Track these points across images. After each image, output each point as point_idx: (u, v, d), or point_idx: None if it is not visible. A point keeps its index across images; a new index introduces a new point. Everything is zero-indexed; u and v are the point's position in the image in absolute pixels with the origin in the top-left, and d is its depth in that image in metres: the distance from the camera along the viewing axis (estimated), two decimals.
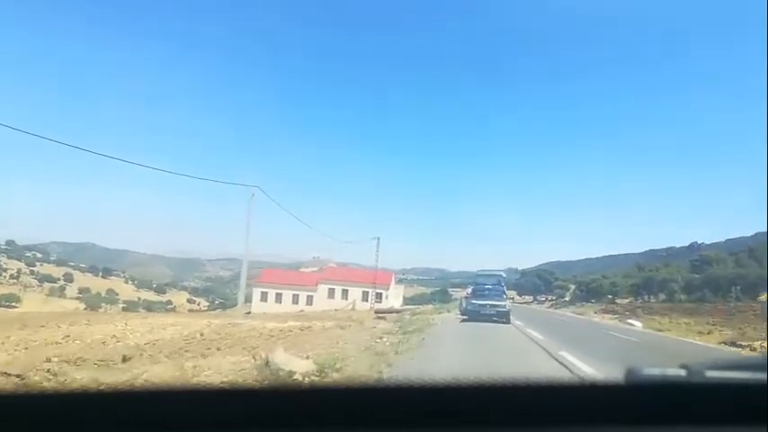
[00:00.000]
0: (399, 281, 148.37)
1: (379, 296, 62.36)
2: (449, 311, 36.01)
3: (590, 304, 59.26)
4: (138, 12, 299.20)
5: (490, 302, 23.48)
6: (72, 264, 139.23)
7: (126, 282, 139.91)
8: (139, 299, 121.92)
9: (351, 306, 61.69)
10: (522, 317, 28.43)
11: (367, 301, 61.18)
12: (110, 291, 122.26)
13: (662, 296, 59.01)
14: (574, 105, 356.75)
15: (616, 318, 45.29)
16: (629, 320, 39.87)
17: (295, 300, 63.76)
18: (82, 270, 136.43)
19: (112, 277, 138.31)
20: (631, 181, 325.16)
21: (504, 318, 22.87)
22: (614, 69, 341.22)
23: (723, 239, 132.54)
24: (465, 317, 24.77)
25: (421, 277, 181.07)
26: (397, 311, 51.58)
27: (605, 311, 49.58)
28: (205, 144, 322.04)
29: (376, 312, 51.17)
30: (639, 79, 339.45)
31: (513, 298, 51.86)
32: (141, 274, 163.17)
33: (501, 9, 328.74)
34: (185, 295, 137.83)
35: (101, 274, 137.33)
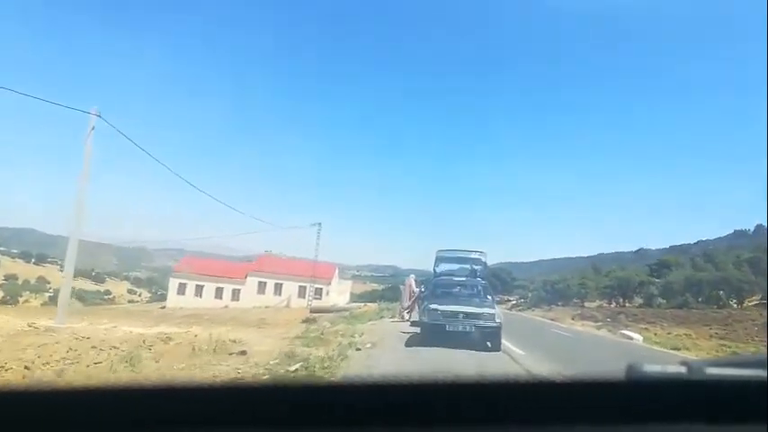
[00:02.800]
0: (353, 277, 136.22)
1: (318, 292, 50.29)
2: (393, 316, 24.14)
3: (558, 307, 48.89)
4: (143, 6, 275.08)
5: (465, 309, 11.61)
6: (2, 249, 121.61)
7: (61, 269, 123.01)
8: (74, 288, 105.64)
9: (285, 303, 49.47)
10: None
11: (305, 297, 49.03)
12: (40, 278, 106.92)
13: (638, 300, 49.28)
14: (545, 110, 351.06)
15: (599, 326, 34.69)
16: (624, 332, 29.11)
17: (218, 294, 50.76)
18: (12, 256, 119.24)
19: (47, 264, 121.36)
20: (582, 186, 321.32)
21: (491, 339, 11.47)
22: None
23: (667, 246, 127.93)
24: (416, 330, 13.07)
25: (375, 274, 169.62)
26: (338, 310, 40.47)
27: (583, 317, 39.03)
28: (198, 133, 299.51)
29: (312, 311, 40.03)
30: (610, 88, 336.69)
31: None
32: (85, 262, 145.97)
33: (501, 14, 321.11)
34: (126, 285, 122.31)
35: (34, 260, 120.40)
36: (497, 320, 11.48)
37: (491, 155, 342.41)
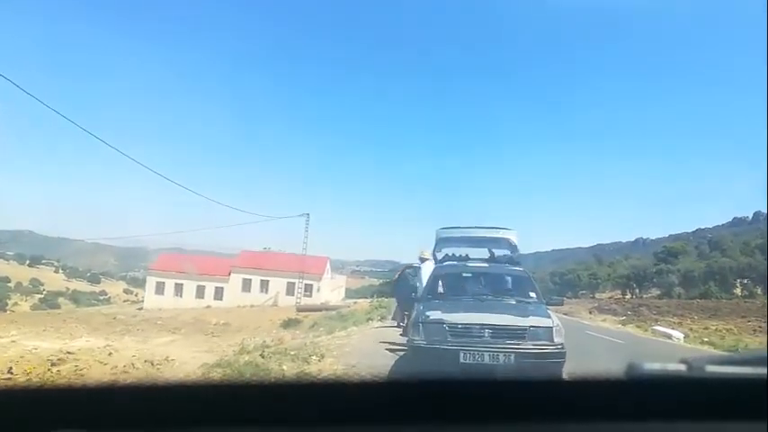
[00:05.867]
0: (352, 272, 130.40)
1: (308, 288, 44.85)
2: (382, 319, 18.57)
3: (569, 300, 43.44)
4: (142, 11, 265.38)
5: (494, 320, 5.81)
6: None
7: (56, 271, 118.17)
8: (68, 289, 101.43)
9: (272, 301, 44.10)
10: None
11: (293, 294, 43.64)
12: (33, 280, 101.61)
13: (653, 290, 44.02)
14: (545, 103, 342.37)
15: (623, 321, 29.35)
16: (658, 328, 23.77)
17: (200, 292, 45.17)
18: (7, 258, 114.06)
19: (41, 266, 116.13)
20: (579, 177, 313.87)
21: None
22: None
23: (666, 234, 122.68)
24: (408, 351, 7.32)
25: (374, 269, 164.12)
26: (327, 309, 35.21)
27: (601, 311, 33.67)
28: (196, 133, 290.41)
29: (299, 310, 34.81)
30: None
31: None
32: (83, 263, 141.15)
33: (502, 11, 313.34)
34: (123, 285, 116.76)
35: (28, 262, 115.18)
36: (557, 340, 5.84)
37: (490, 146, 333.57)
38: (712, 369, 1.08)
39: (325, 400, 1.01)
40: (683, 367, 1.08)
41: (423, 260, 10.31)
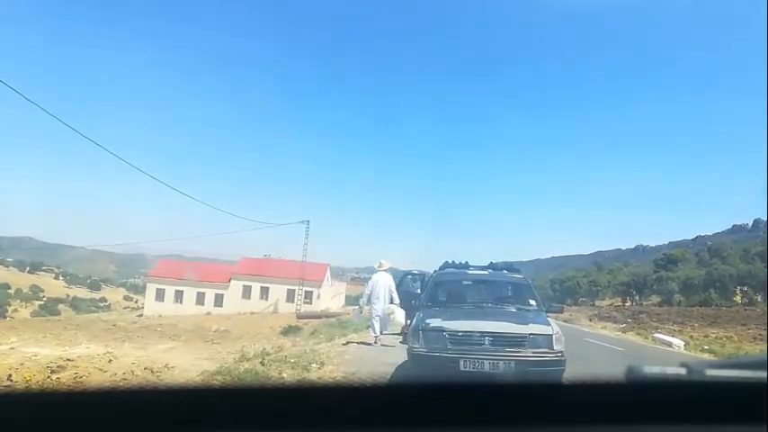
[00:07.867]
0: (352, 279, 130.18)
1: (308, 295, 44.72)
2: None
3: (569, 307, 43.35)
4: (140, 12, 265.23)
5: (494, 328, 5.84)
6: None
7: (56, 278, 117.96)
8: (68, 296, 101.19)
9: (272, 308, 43.96)
10: None
11: (293, 301, 43.51)
12: (33, 287, 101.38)
13: (654, 298, 43.90)
14: (543, 107, 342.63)
15: (623, 328, 29.28)
16: (659, 336, 23.79)
17: (200, 299, 45.13)
18: (7, 264, 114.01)
19: (41, 273, 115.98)
20: (578, 184, 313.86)
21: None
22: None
23: (666, 242, 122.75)
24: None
25: None
26: (327, 316, 35.16)
27: (601, 318, 33.59)
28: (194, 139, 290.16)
29: (299, 317, 34.74)
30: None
31: None
32: (83, 270, 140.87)
33: (499, 15, 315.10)
34: (123, 292, 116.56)
35: (28, 268, 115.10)
36: (557, 347, 5.84)
37: (491, 152, 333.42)
38: (712, 373, 1.09)
39: (324, 403, 1.01)
40: (682, 371, 1.08)
41: (379, 270, 10.36)
